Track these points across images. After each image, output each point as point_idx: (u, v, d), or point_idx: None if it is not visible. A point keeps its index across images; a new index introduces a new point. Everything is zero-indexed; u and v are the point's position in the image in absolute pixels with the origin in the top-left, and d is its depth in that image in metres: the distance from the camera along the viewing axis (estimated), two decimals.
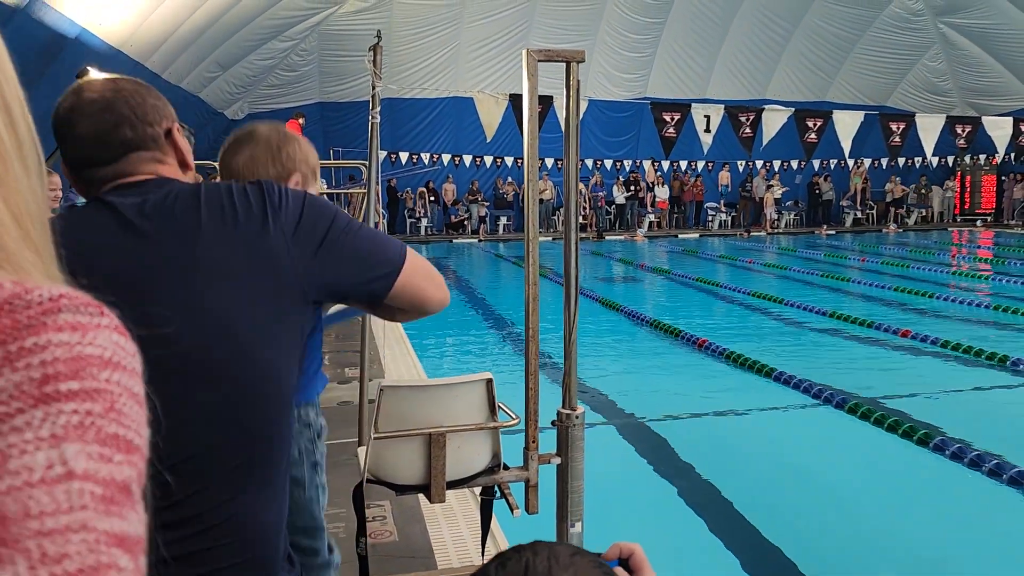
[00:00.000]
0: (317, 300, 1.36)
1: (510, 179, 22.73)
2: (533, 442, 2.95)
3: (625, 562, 0.89)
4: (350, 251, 1.39)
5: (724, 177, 24.14)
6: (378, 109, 4.37)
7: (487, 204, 22.63)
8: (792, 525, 4.21)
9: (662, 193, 23.47)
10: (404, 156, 21.96)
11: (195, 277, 1.23)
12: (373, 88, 4.37)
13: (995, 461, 4.77)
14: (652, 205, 23.38)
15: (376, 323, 6.36)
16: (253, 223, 1.29)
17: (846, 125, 9.39)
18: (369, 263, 1.42)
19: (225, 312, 1.23)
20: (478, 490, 3.02)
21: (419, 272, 1.53)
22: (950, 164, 24.35)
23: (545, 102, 7.10)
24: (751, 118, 9.04)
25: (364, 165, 5.18)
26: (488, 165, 22.61)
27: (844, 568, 3.88)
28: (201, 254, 1.24)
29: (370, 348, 4.80)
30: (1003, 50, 21.35)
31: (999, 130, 10.66)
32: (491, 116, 6.60)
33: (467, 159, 22.38)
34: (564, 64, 2.89)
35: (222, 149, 1.90)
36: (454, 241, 21.51)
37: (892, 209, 24.65)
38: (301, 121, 15.31)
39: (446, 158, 22.44)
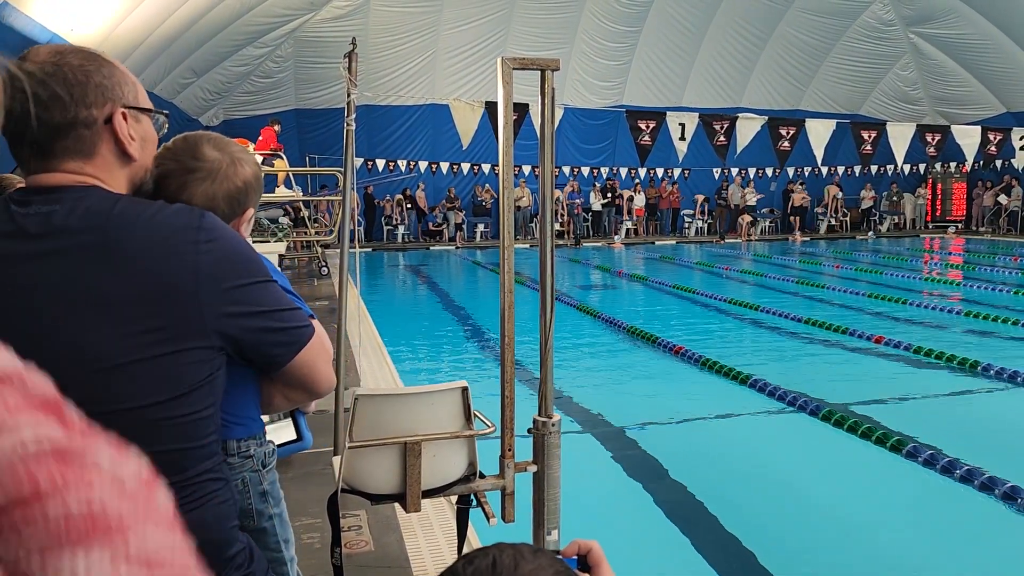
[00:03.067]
0: (221, 347, 1.32)
1: (487, 186, 22.75)
2: (509, 450, 2.94)
3: (583, 558, 0.91)
4: (259, 304, 1.35)
5: (700, 198, 24.33)
6: (353, 116, 4.35)
7: (463, 212, 22.62)
8: (766, 531, 4.24)
9: (639, 200, 23.61)
10: (381, 163, 21.90)
11: (63, 306, 1.18)
12: (348, 95, 4.35)
13: (967, 467, 4.83)
14: (629, 212, 23.50)
15: (352, 330, 6.32)
16: (164, 257, 1.24)
17: (819, 134, 9.49)
18: (275, 323, 1.39)
19: (89, 344, 1.18)
20: (454, 499, 3.00)
21: (322, 353, 1.52)
22: (921, 172, 24.71)
23: (521, 110, 7.11)
24: (725, 126, 9.11)
25: (340, 172, 5.17)
26: (465, 172, 22.61)
27: (817, 573, 3.90)
28: (88, 282, 1.19)
29: (346, 356, 4.77)
30: (972, 60, 21.71)
31: (968, 138, 10.83)
32: (467, 123, 6.60)
33: (444, 166, 22.36)
34: (539, 72, 2.90)
35: (161, 166, 1.58)
36: (431, 248, 21.47)
37: (866, 217, 24.97)
38: (277, 128, 15.21)
39: (423, 165, 22.40)
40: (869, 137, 10.57)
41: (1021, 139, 11.10)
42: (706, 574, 3.79)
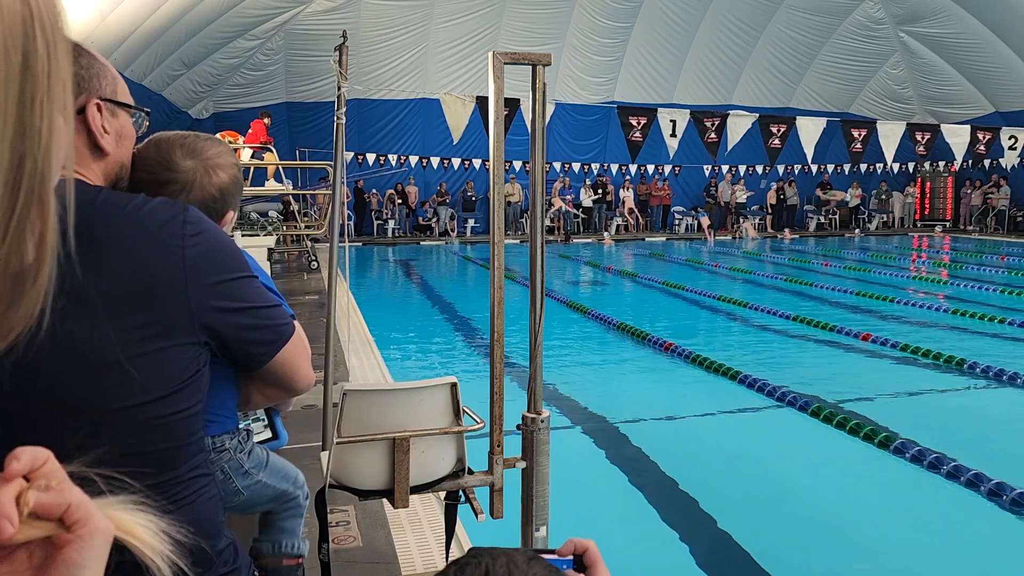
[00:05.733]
0: (206, 342, 1.31)
1: (469, 182, 22.77)
2: (498, 446, 2.94)
3: (579, 558, 0.90)
4: (243, 300, 1.34)
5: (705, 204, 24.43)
6: (343, 110, 4.32)
7: (453, 208, 22.61)
8: (756, 527, 4.25)
9: (630, 197, 23.63)
10: (371, 157, 21.84)
11: (54, 301, 1.13)
12: (339, 89, 4.33)
13: (953, 463, 4.86)
14: (620, 208, 23.53)
15: (341, 326, 6.30)
16: (150, 250, 1.21)
17: (809, 131, 9.48)
18: (258, 320, 1.38)
19: (85, 342, 1.15)
20: (443, 495, 3.00)
21: (301, 351, 1.51)
22: (910, 170, 24.82)
23: (512, 105, 7.09)
24: (716, 123, 9.11)
25: (330, 166, 5.14)
26: (456, 167, 22.57)
27: (806, 569, 3.92)
28: (75, 275, 1.13)
29: (335, 351, 4.75)
30: (962, 59, 21.80)
31: (957, 138, 10.84)
32: (457, 118, 6.56)
33: (435, 161, 22.33)
34: (530, 67, 2.89)
35: (131, 175, 1.54)
36: (421, 243, 21.44)
37: (854, 215, 25.07)
38: (267, 121, 15.13)
39: (413, 160, 22.35)
40: (859, 135, 10.57)
41: (1010, 138, 11.15)
42: (696, 570, 3.80)
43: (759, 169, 23.91)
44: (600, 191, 23.44)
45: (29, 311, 0.55)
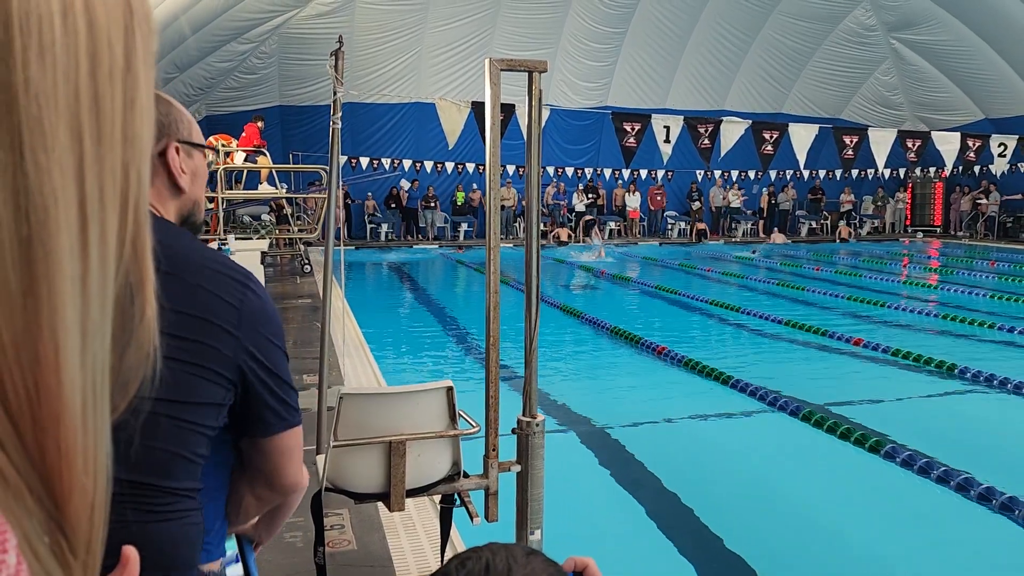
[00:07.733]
0: (234, 384, 1.35)
1: (475, 186, 22.74)
2: (493, 450, 2.95)
3: (579, 575, 0.91)
4: (276, 368, 1.41)
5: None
6: (339, 115, 4.34)
7: (444, 213, 22.62)
8: (748, 531, 4.27)
9: (632, 202, 23.65)
10: (365, 161, 21.81)
11: None
12: (335, 93, 4.34)
13: (943, 468, 4.90)
14: (623, 215, 23.59)
15: (335, 329, 6.31)
16: (211, 285, 1.29)
17: (801, 138, 9.55)
18: (280, 392, 1.44)
19: None
20: (438, 498, 3.01)
21: (297, 449, 1.53)
22: (901, 176, 24.95)
23: (507, 110, 7.10)
24: (710, 129, 9.16)
25: (323, 169, 5.15)
26: (449, 171, 22.56)
27: (797, 570, 3.94)
28: None
29: (329, 355, 4.76)
30: (952, 66, 21.95)
31: (947, 144, 10.93)
32: (453, 123, 6.59)
33: (428, 165, 22.32)
34: (526, 73, 2.91)
35: None
36: (414, 247, 21.43)
37: (845, 220, 25.18)
38: (260, 124, 15.13)
39: (407, 163, 22.34)
40: (851, 142, 10.65)
41: (1000, 145, 11.24)
42: (689, 572, 3.82)
43: (752, 175, 24.00)
44: (593, 195, 23.48)
45: (143, 355, 0.49)
